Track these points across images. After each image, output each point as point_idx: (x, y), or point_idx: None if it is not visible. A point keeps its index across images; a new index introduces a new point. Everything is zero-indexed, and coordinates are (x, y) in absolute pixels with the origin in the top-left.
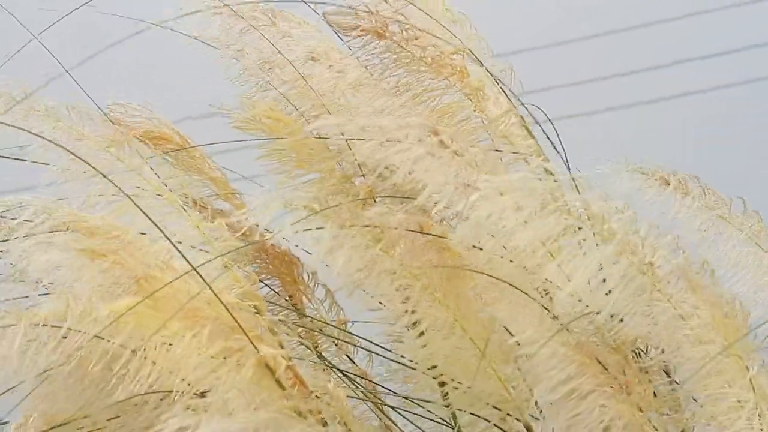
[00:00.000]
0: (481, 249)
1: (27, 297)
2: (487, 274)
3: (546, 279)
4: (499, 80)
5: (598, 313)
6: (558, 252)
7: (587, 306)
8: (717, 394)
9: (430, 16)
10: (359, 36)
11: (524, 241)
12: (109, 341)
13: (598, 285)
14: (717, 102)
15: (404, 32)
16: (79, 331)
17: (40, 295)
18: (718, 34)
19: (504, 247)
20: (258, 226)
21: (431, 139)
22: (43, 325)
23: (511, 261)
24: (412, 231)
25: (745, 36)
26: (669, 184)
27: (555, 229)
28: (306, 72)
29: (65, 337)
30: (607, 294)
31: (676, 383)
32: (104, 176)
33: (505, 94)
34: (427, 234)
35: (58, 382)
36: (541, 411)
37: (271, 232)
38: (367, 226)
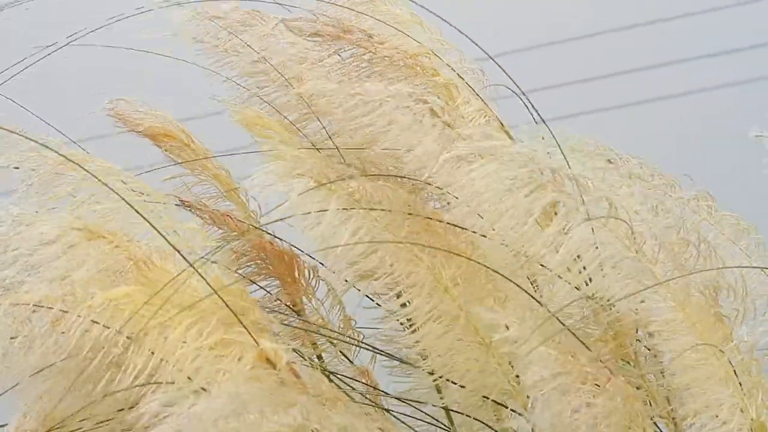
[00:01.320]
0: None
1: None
2: (475, 261)
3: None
4: (467, 80)
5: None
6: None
7: (571, 284)
8: (694, 390)
9: (385, 23)
10: (322, 42)
11: (511, 213)
12: (105, 327)
13: (591, 261)
14: (706, 103)
15: (369, 37)
16: (77, 316)
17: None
18: (708, 36)
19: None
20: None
21: (421, 106)
22: (34, 308)
23: (502, 244)
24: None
25: (734, 37)
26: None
27: (541, 202)
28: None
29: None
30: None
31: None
32: (100, 181)
33: (478, 95)
34: (429, 218)
35: (55, 376)
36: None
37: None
38: (373, 209)
